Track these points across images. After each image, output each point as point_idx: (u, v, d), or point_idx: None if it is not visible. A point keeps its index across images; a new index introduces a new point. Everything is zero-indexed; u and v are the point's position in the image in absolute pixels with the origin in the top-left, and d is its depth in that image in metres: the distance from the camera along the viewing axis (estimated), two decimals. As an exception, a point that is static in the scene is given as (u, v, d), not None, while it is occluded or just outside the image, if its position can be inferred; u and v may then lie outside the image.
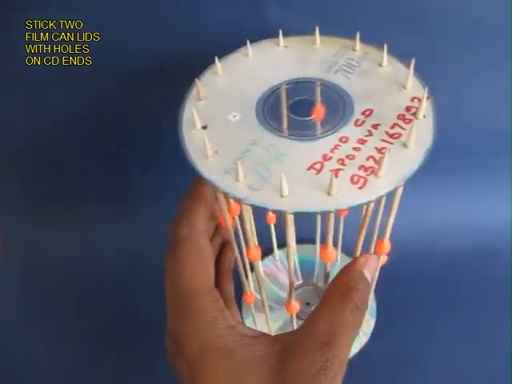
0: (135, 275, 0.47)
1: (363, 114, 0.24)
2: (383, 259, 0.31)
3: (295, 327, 0.35)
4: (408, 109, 0.24)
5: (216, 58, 0.27)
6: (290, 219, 0.23)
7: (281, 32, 0.28)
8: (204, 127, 0.24)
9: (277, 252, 0.48)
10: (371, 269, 0.25)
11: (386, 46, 0.26)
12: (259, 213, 0.25)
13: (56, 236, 0.50)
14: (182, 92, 0.26)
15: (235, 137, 0.24)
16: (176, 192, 0.28)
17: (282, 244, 0.48)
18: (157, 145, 0.44)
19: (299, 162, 0.22)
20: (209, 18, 0.36)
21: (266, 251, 0.48)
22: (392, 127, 0.23)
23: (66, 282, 0.49)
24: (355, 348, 0.41)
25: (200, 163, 0.22)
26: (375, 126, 0.23)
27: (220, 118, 0.25)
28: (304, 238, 0.47)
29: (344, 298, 0.23)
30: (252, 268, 0.45)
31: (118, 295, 0.47)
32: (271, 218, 0.41)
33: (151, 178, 0.48)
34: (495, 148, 0.46)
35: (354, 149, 0.22)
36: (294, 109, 0.26)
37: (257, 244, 0.28)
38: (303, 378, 0.20)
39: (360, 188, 0.21)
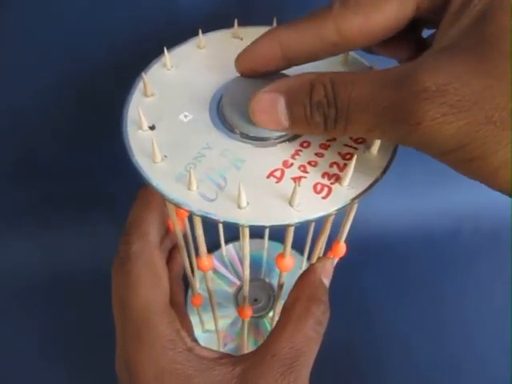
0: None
1: (325, 116, 0.22)
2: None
3: (245, 330, 0.34)
4: None
5: (165, 49, 0.24)
6: (247, 231, 0.22)
7: (236, 22, 0.26)
8: (151, 127, 0.21)
9: (224, 248, 0.46)
10: (328, 274, 0.24)
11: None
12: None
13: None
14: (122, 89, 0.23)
15: (187, 139, 0.21)
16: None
17: (228, 239, 0.47)
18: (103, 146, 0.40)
19: (258, 169, 0.20)
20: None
21: (213, 245, 0.46)
22: (355, 131, 0.22)
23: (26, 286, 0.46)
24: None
25: (147, 169, 0.20)
26: None
27: (170, 117, 0.22)
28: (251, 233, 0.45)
29: (305, 313, 0.22)
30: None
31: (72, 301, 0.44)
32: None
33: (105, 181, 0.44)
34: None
35: (317, 154, 0.21)
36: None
37: (207, 253, 0.26)
38: None
39: (324, 198, 0.19)
